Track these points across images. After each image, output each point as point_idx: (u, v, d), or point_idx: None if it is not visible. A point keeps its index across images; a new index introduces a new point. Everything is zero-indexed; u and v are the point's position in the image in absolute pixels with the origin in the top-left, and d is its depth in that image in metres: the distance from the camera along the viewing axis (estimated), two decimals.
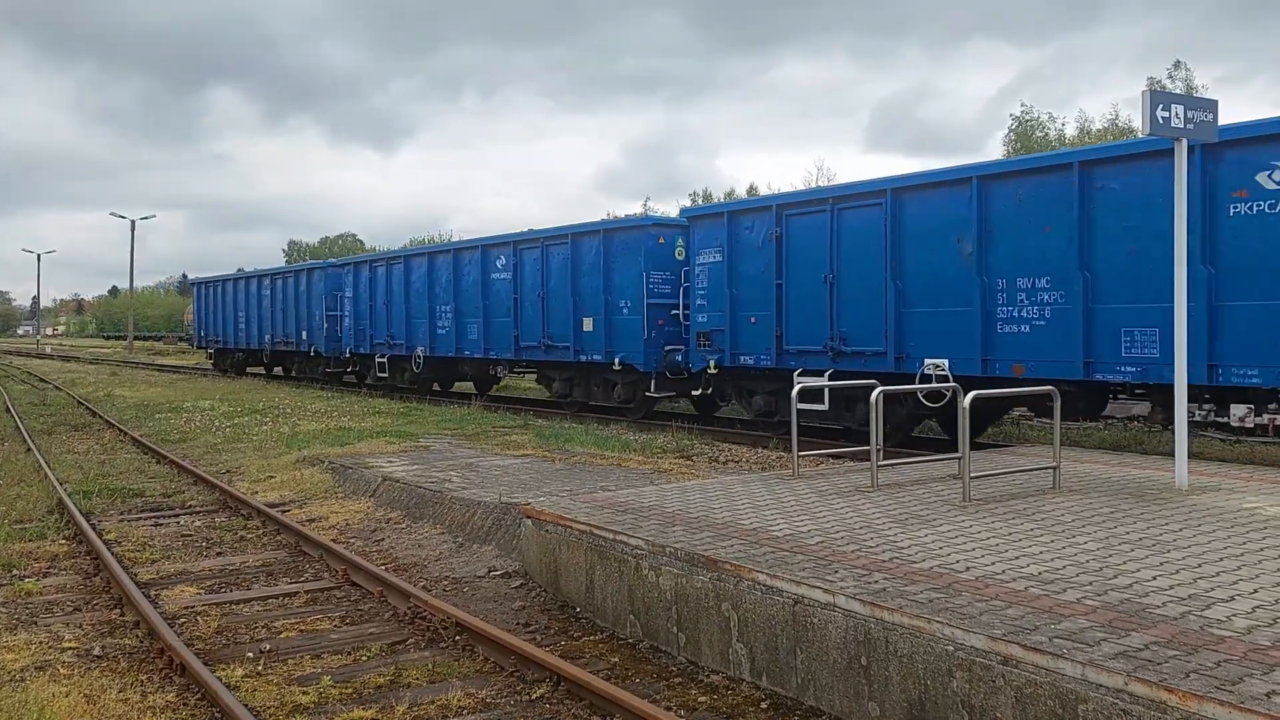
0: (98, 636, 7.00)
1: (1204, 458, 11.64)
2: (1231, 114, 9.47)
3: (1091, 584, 5.51)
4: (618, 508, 8.16)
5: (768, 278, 15.81)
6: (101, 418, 22.20)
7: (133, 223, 69.77)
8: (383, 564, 8.92)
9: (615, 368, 19.12)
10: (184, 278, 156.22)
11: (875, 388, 9.08)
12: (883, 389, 9.10)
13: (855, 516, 7.57)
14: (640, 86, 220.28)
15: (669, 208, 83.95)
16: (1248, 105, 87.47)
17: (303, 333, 32.11)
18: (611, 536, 7.20)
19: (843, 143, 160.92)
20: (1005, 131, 57.33)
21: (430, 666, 6.27)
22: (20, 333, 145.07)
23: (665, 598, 6.56)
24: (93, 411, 23.89)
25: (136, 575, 8.51)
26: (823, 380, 14.14)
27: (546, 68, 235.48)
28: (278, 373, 37.42)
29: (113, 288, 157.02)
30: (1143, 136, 8.96)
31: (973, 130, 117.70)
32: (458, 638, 6.71)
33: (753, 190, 74.94)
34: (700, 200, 79.51)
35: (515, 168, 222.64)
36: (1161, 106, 8.09)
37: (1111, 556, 6.13)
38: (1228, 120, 9.42)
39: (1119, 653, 4.36)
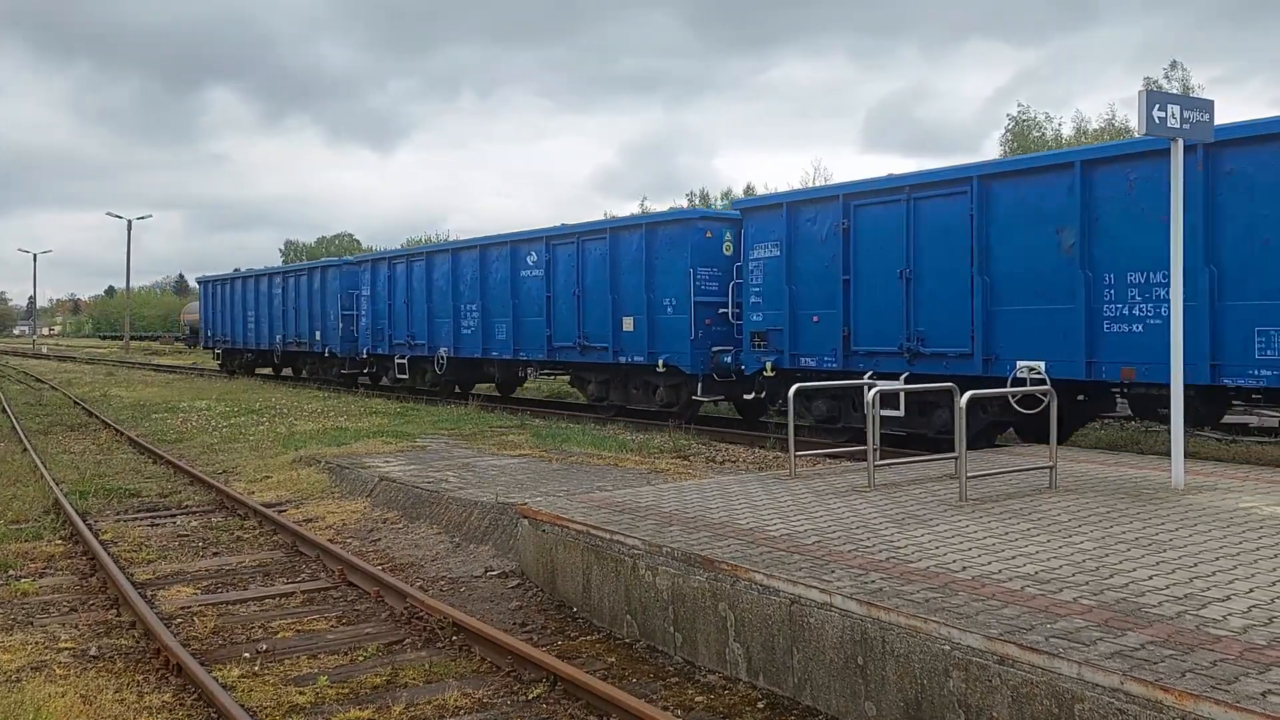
0: (94, 637, 6.99)
1: (1200, 457, 11.67)
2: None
3: (1088, 583, 5.52)
4: (614, 508, 8.16)
5: (833, 273, 14.72)
6: (98, 418, 22.17)
7: (129, 223, 69.84)
8: (379, 564, 8.92)
9: (659, 370, 18.19)
10: (180, 278, 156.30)
11: (873, 387, 9.01)
12: (882, 387, 9.07)
13: (852, 516, 7.57)
14: (638, 86, 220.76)
15: (665, 208, 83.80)
16: (1244, 105, 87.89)
17: (316, 333, 31.12)
18: (608, 536, 7.20)
19: (840, 143, 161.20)
20: (1002, 132, 57.43)
21: (427, 666, 6.27)
22: (16, 332, 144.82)
23: (662, 598, 6.56)
24: (89, 411, 23.85)
25: (133, 575, 8.50)
26: (898, 384, 12.61)
27: (545, 68, 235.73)
28: (287, 374, 36.16)
29: (109, 288, 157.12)
30: (1138, 136, 8.95)
31: (971, 130, 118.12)
32: (454, 638, 6.71)
33: (749, 190, 73.57)
34: (698, 201, 79.05)
35: (513, 168, 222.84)
36: (1158, 106, 8.12)
37: (1108, 556, 6.14)
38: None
39: (1115, 652, 4.37)
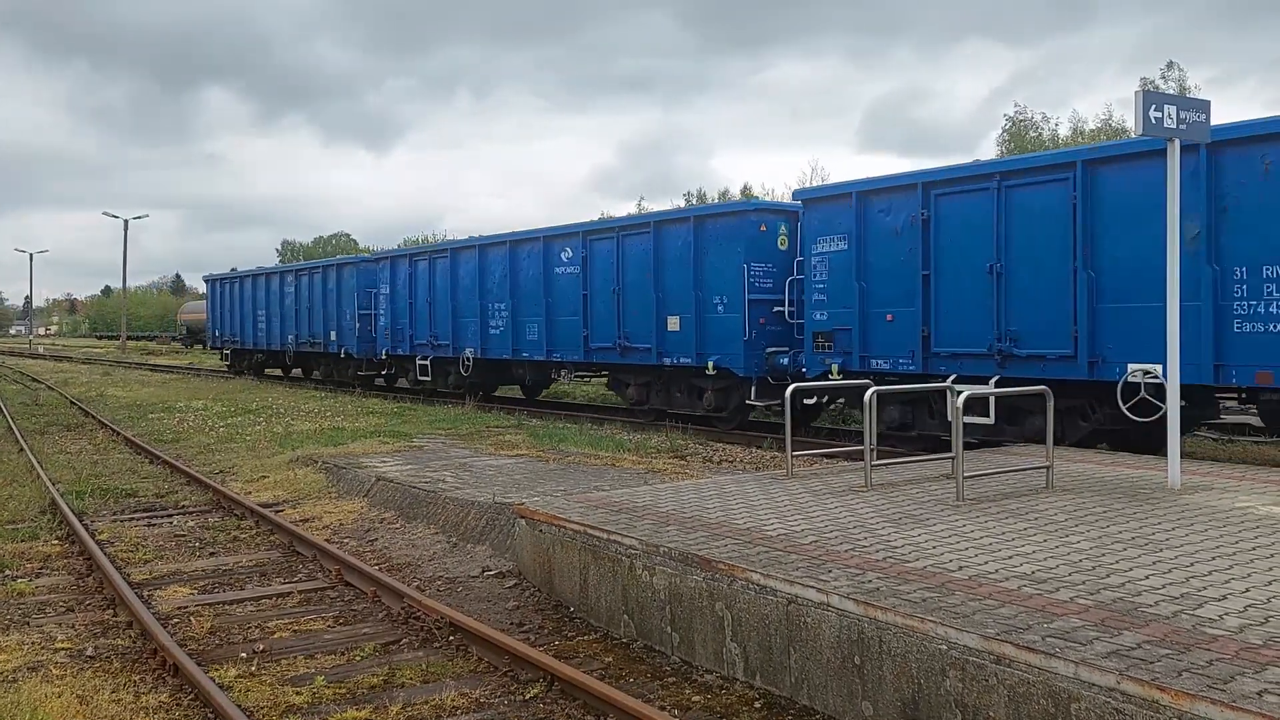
0: (91, 637, 6.98)
1: (1196, 457, 11.69)
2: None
3: (1084, 583, 5.53)
4: (612, 508, 8.16)
5: (910, 268, 13.63)
6: (94, 418, 22.14)
7: (125, 222, 69.86)
8: (376, 564, 8.92)
9: (708, 372, 17.18)
10: (177, 277, 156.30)
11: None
12: (880, 389, 9.02)
13: (849, 516, 7.58)
14: (634, 87, 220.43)
15: (664, 208, 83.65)
16: (1239, 106, 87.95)
17: (331, 333, 29.97)
18: (606, 536, 7.20)
19: (836, 143, 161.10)
20: (999, 132, 57.49)
21: (424, 666, 6.27)
22: (13, 332, 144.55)
23: (659, 597, 6.56)
24: (85, 411, 23.82)
25: (129, 575, 8.49)
26: (988, 388, 11.88)
27: (541, 68, 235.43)
28: (297, 374, 35.32)
29: (105, 287, 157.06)
30: (1135, 136, 8.94)
31: (967, 131, 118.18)
32: (451, 638, 6.71)
33: (747, 190, 72.82)
34: (695, 200, 78.65)
35: (509, 168, 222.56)
36: (1154, 107, 8.12)
37: (1104, 556, 6.15)
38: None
39: (1111, 652, 4.38)
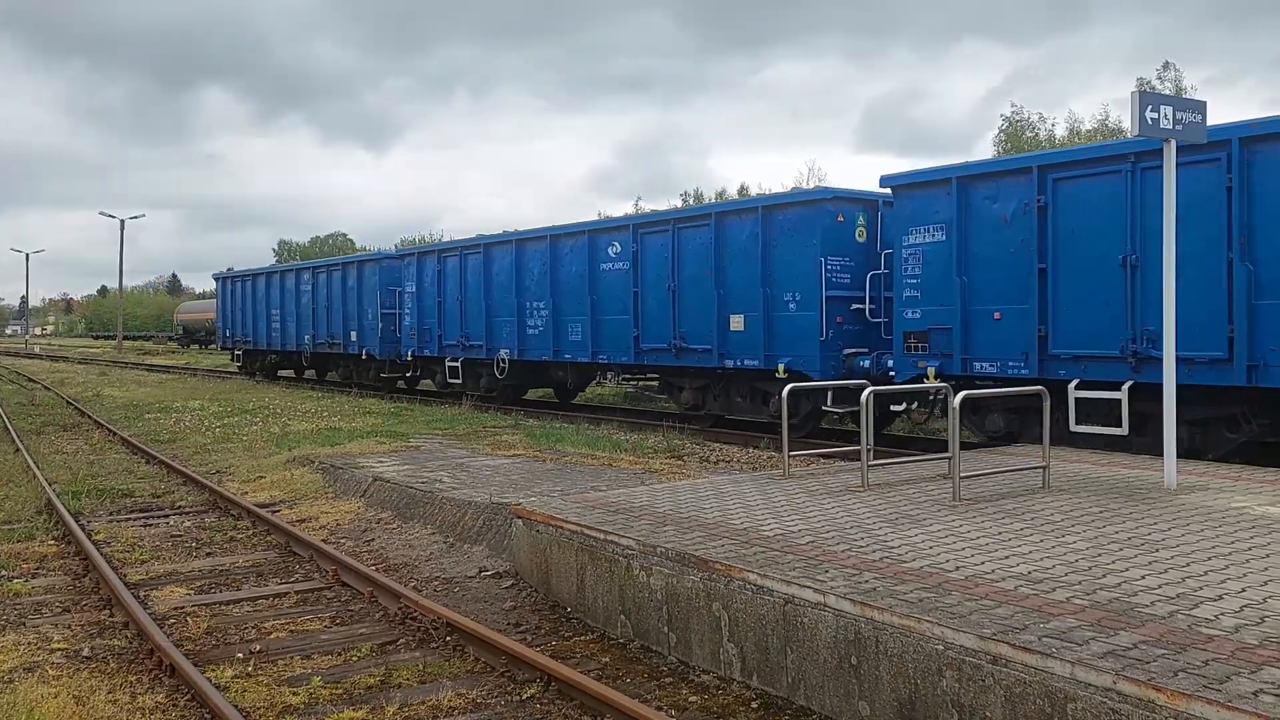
0: (87, 637, 6.97)
1: (1193, 457, 11.68)
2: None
3: (1080, 583, 5.53)
4: (609, 508, 8.16)
5: (1023, 261, 12.44)
6: (90, 418, 22.11)
7: (122, 222, 69.76)
8: (373, 564, 8.91)
9: (779, 375, 15.67)
10: (174, 277, 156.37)
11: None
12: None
13: (846, 516, 7.58)
14: (632, 87, 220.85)
15: (661, 207, 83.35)
16: (1236, 106, 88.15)
17: (351, 333, 28.57)
18: (603, 536, 7.20)
19: (834, 143, 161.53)
20: (996, 132, 57.49)
21: (421, 667, 6.27)
22: (9, 332, 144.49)
23: (656, 598, 6.57)
24: (81, 411, 23.79)
25: (126, 576, 8.48)
26: (1111, 393, 11.10)
27: (538, 68, 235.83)
28: (310, 375, 33.92)
29: (102, 287, 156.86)
30: (1132, 137, 8.95)
31: (965, 131, 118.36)
32: (448, 638, 6.70)
33: (744, 191, 71.92)
34: (692, 200, 78.28)
35: (508, 168, 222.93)
36: (1150, 107, 8.13)
37: (1100, 556, 6.16)
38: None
39: (1108, 652, 4.38)
